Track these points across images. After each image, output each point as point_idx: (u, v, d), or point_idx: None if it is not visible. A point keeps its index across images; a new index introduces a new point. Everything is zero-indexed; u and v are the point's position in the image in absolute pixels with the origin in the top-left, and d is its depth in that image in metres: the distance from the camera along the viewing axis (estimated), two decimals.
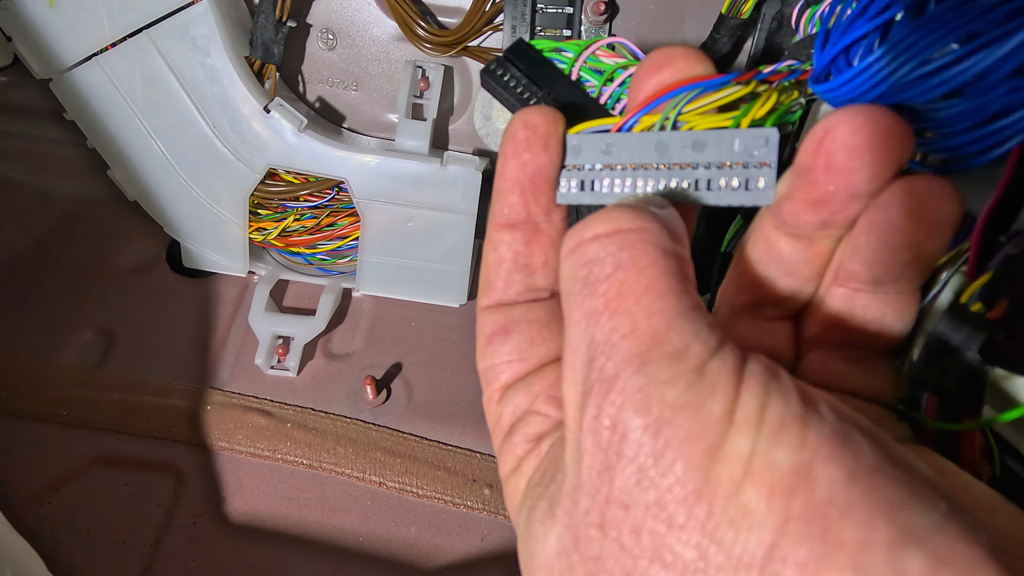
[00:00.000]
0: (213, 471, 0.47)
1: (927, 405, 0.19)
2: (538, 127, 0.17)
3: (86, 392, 0.48)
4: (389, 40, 0.48)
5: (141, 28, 0.43)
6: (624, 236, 0.14)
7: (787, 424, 0.12)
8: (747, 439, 0.11)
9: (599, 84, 0.19)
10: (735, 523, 0.11)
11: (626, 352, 0.13)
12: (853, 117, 0.14)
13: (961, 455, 0.18)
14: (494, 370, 0.18)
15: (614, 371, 0.13)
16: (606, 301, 0.13)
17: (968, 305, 0.19)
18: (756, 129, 0.15)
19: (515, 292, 0.18)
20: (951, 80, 0.13)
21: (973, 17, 0.13)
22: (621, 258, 0.13)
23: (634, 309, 0.13)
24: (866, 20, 0.15)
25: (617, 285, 0.13)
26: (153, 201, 0.50)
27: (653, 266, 0.13)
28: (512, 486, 0.17)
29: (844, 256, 0.16)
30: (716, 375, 0.12)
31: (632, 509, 0.12)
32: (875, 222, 0.15)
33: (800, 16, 0.32)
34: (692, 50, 0.16)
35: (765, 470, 0.11)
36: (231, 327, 0.52)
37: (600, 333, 0.13)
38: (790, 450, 0.11)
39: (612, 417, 0.12)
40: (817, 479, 0.11)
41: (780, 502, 0.11)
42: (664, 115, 0.16)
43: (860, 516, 0.11)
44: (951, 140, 0.15)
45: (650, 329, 0.13)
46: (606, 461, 0.12)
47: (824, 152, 0.14)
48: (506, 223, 0.17)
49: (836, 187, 0.14)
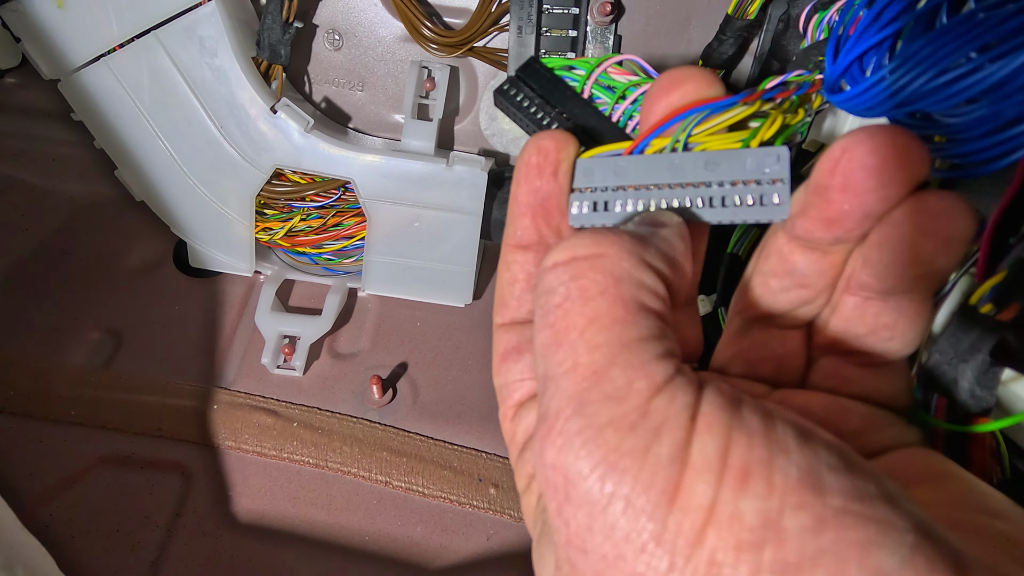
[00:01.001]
0: (220, 470, 0.47)
1: (936, 407, 0.19)
2: (549, 153, 0.17)
3: (94, 392, 0.49)
4: (395, 41, 0.49)
5: (149, 29, 0.44)
6: (577, 264, 0.13)
7: (752, 471, 0.11)
8: (707, 486, 0.11)
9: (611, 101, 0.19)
10: (700, 574, 0.11)
11: (567, 390, 0.12)
12: (871, 138, 0.14)
13: (971, 457, 0.19)
14: (508, 388, 0.18)
15: (556, 410, 0.12)
16: (553, 333, 0.13)
17: (978, 307, 0.19)
18: (767, 148, 0.15)
19: (527, 311, 0.18)
20: (969, 89, 0.13)
21: (989, 28, 0.13)
22: (571, 288, 0.13)
23: (577, 342, 0.12)
24: (877, 30, 0.16)
25: (563, 316, 0.13)
26: (160, 201, 0.50)
27: (601, 295, 0.13)
28: (526, 502, 0.17)
29: (856, 267, 0.16)
30: (663, 415, 0.12)
31: (590, 556, 0.11)
32: (887, 237, 0.15)
33: (808, 21, 0.32)
34: (701, 71, 0.16)
35: (731, 521, 0.11)
36: (237, 327, 0.52)
37: (549, 367, 0.13)
38: (757, 500, 0.11)
39: (553, 459, 0.12)
40: (786, 529, 0.11)
41: (750, 555, 0.11)
42: (675, 137, 0.16)
43: (831, 563, 0.10)
44: (964, 146, 0.15)
45: (591, 365, 0.12)
46: (557, 503, 0.12)
47: (841, 171, 0.14)
48: (519, 244, 0.18)
49: (852, 206, 0.14)
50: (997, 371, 0.18)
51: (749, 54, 0.45)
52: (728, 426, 0.11)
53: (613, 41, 0.45)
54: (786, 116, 0.17)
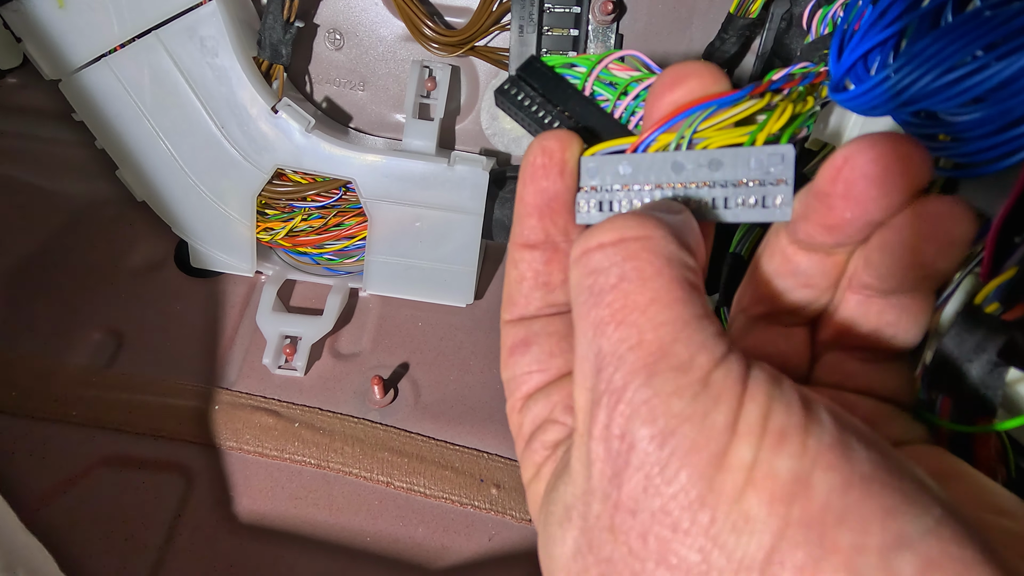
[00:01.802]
0: (221, 471, 0.47)
1: (941, 407, 0.19)
2: (554, 153, 0.17)
3: (95, 392, 0.49)
4: (396, 40, 0.49)
5: (150, 29, 0.44)
6: (628, 245, 0.14)
7: (788, 434, 0.12)
8: (750, 448, 0.12)
9: (613, 98, 0.19)
10: (737, 528, 0.12)
11: (633, 364, 0.13)
12: (873, 146, 0.14)
13: (976, 458, 0.19)
14: (516, 380, 0.18)
15: (622, 382, 0.13)
16: (612, 312, 0.13)
17: (983, 306, 0.19)
18: (772, 147, 0.15)
19: (535, 308, 0.18)
20: (974, 88, 0.13)
21: (995, 26, 0.13)
22: (625, 268, 0.14)
23: (640, 320, 0.13)
24: (882, 28, 0.16)
25: (622, 296, 0.13)
26: (161, 201, 0.50)
27: (658, 276, 0.13)
28: (533, 491, 0.17)
29: (858, 267, 0.16)
30: (720, 385, 0.12)
31: (639, 515, 0.12)
32: (888, 241, 0.15)
33: (812, 16, 0.32)
34: (706, 67, 0.16)
35: (767, 478, 0.12)
36: (239, 327, 0.52)
37: (607, 344, 0.13)
38: (791, 459, 0.12)
39: (621, 428, 0.13)
40: (815, 487, 0.11)
41: (780, 508, 0.11)
42: (680, 134, 0.16)
43: (855, 522, 0.11)
44: (969, 145, 0.15)
45: (656, 341, 0.13)
46: (615, 469, 0.13)
47: (843, 180, 0.14)
48: (526, 243, 0.18)
49: (854, 215, 0.14)
50: (1003, 371, 0.18)
51: (751, 53, 0.45)
52: (770, 396, 0.12)
53: (615, 40, 0.45)
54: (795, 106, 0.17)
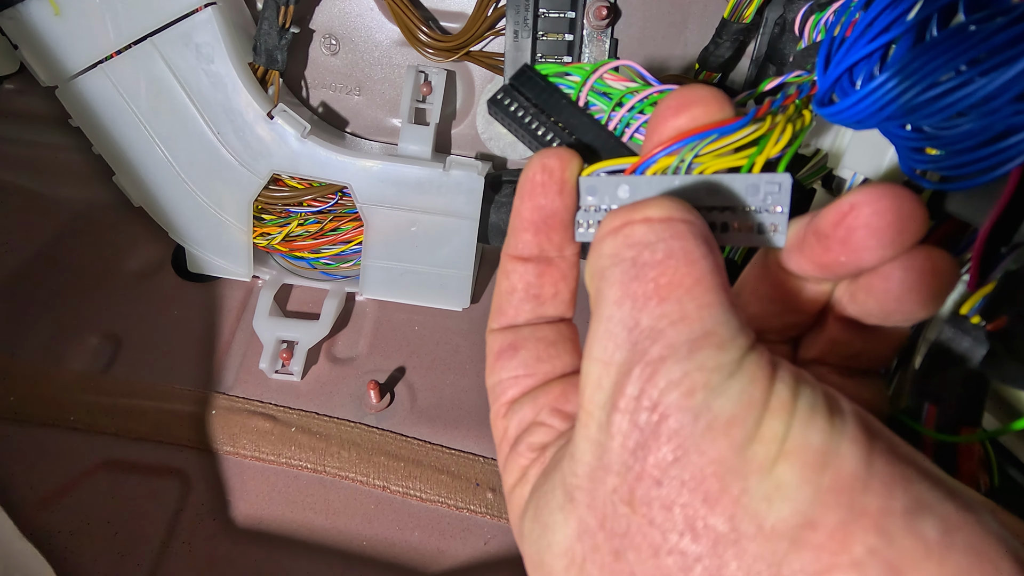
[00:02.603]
0: (218, 475, 0.47)
1: (927, 415, 0.19)
2: (554, 172, 0.17)
3: (92, 397, 0.49)
4: (392, 45, 0.49)
5: (146, 35, 0.44)
6: (676, 225, 0.14)
7: (817, 410, 0.13)
8: (782, 422, 0.13)
9: (608, 108, 0.19)
10: (768, 496, 0.12)
11: (674, 338, 0.13)
12: (880, 199, 0.14)
13: (959, 466, 0.19)
14: (501, 385, 0.19)
15: (659, 355, 0.13)
16: (656, 287, 0.14)
17: (968, 317, 0.19)
18: (770, 175, 0.16)
19: (524, 319, 0.19)
20: (957, 103, 0.13)
21: (978, 42, 0.13)
22: (673, 246, 0.14)
23: (684, 299, 0.13)
24: (867, 41, 0.16)
25: (670, 272, 0.14)
26: (158, 207, 0.50)
27: (703, 259, 0.14)
28: (517, 496, 0.17)
29: (843, 298, 0.17)
30: (755, 366, 0.13)
31: (665, 485, 0.13)
32: (875, 287, 0.16)
33: (804, 23, 0.32)
34: (711, 93, 0.16)
35: (799, 449, 0.12)
36: (235, 332, 0.53)
37: (647, 318, 0.14)
38: (821, 432, 0.12)
39: (654, 399, 0.13)
40: (843, 456, 0.12)
41: (812, 476, 0.12)
42: (680, 157, 0.16)
43: (880, 488, 0.12)
44: (954, 159, 0.16)
45: (700, 320, 0.13)
46: (641, 440, 0.13)
47: (845, 226, 0.15)
48: (519, 256, 0.18)
49: (848, 259, 0.15)
50: (986, 381, 0.18)
51: (746, 57, 0.45)
52: (797, 378, 0.13)
53: (610, 45, 0.45)
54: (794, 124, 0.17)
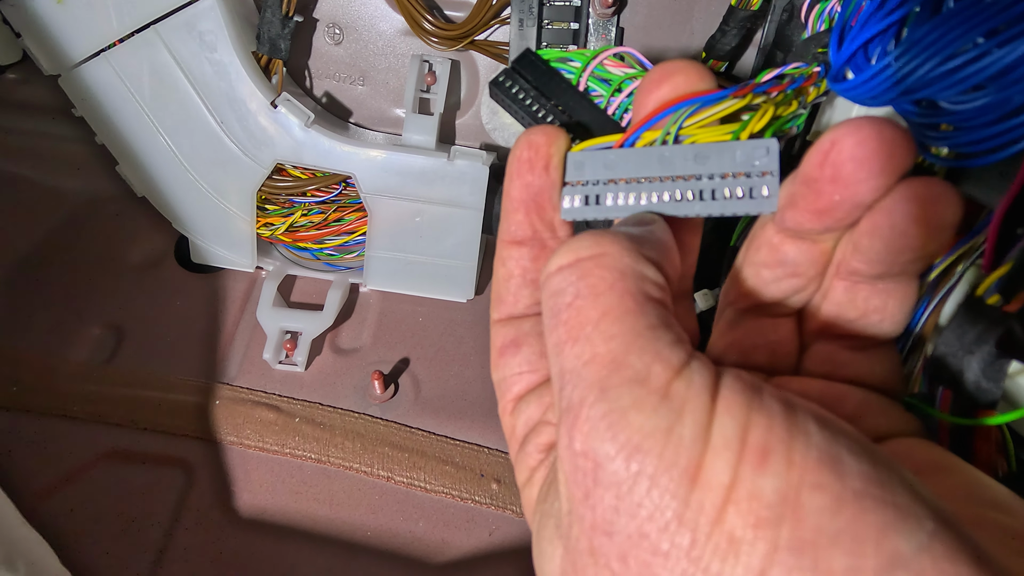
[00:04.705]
0: (222, 465, 0.47)
1: (942, 399, 0.19)
2: (540, 148, 0.17)
3: (96, 387, 0.49)
4: (396, 34, 0.48)
5: (149, 24, 0.43)
6: (582, 264, 0.14)
7: (772, 449, 0.11)
8: (727, 464, 0.11)
9: (607, 94, 0.19)
10: (720, 551, 0.11)
11: (588, 379, 0.13)
12: (859, 129, 0.14)
13: (976, 451, 0.18)
14: (507, 382, 0.18)
15: (579, 398, 0.12)
16: (568, 330, 0.13)
17: (985, 298, 0.19)
18: (757, 140, 0.15)
19: (524, 306, 0.18)
20: (975, 76, 0.13)
21: (995, 13, 0.13)
22: (580, 287, 0.14)
23: (592, 335, 0.13)
24: (883, 16, 0.15)
25: (576, 313, 0.13)
26: (161, 197, 0.50)
27: (610, 290, 0.13)
28: (527, 495, 0.17)
29: (846, 253, 0.16)
30: (683, 396, 0.12)
31: (615, 537, 0.12)
32: (878, 225, 0.15)
33: (809, 12, 0.32)
34: (691, 64, 0.16)
35: (750, 498, 0.11)
36: (239, 322, 0.52)
37: (566, 361, 0.13)
38: (776, 478, 0.11)
39: (582, 444, 0.12)
40: (804, 507, 0.11)
41: (767, 531, 0.11)
42: (665, 130, 0.16)
43: (848, 544, 0.10)
44: (970, 135, 0.15)
45: (608, 354, 0.13)
46: (585, 489, 0.12)
47: (830, 163, 0.14)
48: (513, 240, 0.18)
49: (842, 197, 0.14)
50: (1004, 363, 0.18)
51: (753, 45, 0.45)
52: (748, 407, 0.12)
53: (615, 33, 0.45)
54: (778, 108, 0.17)
